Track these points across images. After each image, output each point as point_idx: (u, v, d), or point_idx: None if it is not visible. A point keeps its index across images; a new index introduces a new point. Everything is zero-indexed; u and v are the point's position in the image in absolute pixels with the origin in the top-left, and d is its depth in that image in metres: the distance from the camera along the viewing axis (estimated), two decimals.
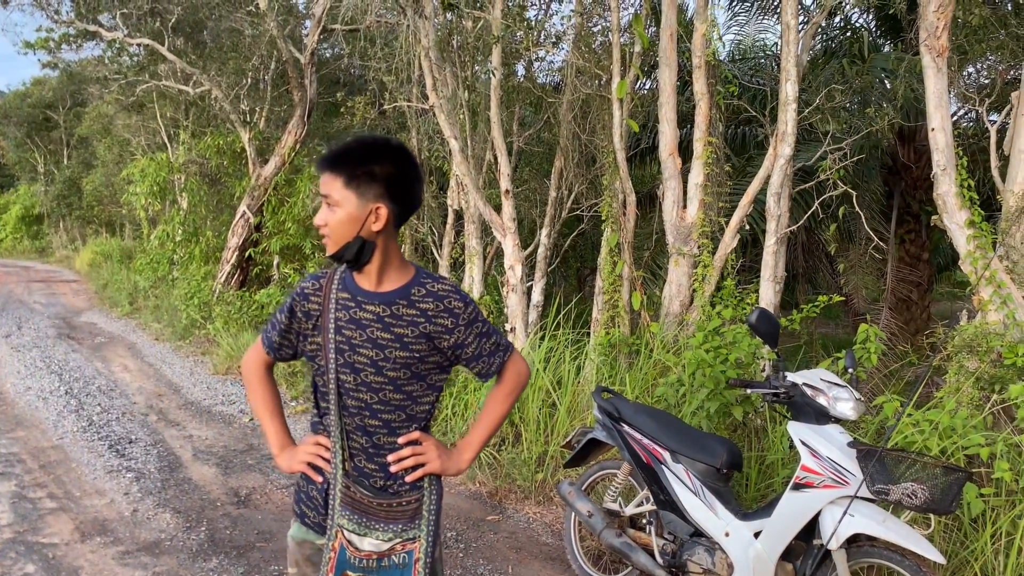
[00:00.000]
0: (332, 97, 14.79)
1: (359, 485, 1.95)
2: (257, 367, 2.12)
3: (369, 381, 1.92)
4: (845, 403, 2.98)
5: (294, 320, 2.01)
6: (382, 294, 1.93)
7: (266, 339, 2.08)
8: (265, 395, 2.11)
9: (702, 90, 6.41)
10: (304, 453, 1.99)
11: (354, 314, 1.92)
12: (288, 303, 2.02)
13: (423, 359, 1.94)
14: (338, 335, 1.92)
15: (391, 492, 1.97)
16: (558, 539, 4.36)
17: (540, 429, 5.29)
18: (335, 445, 1.95)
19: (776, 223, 6.09)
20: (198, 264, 13.25)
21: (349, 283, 1.96)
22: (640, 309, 6.43)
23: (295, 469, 2.01)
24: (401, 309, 1.92)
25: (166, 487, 5.02)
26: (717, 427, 4.35)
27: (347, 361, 1.92)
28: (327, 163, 1.88)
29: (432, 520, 1.99)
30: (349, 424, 1.96)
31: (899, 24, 11.21)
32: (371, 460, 1.97)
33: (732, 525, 3.13)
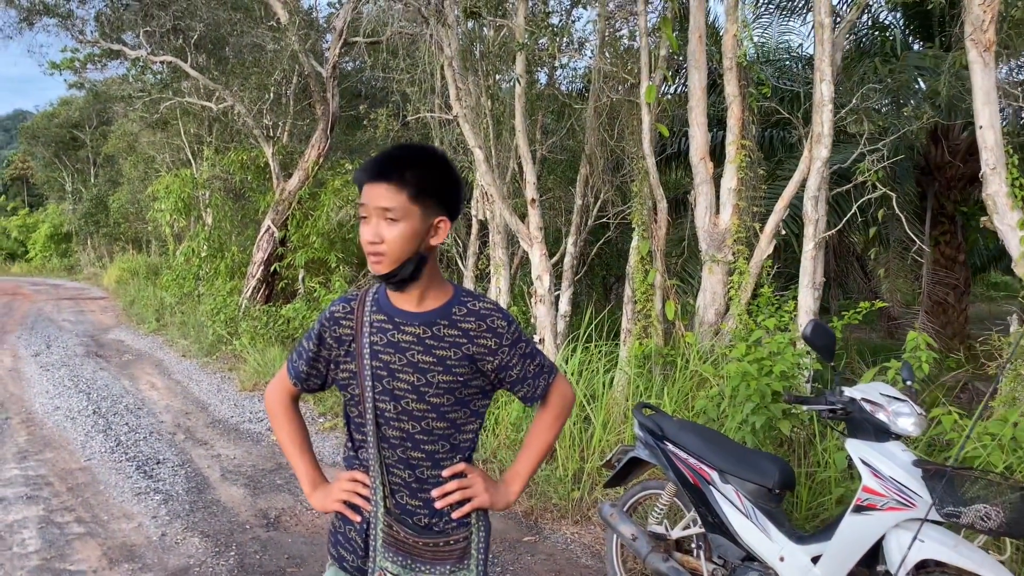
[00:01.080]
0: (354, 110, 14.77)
1: (402, 524, 1.80)
2: (282, 399, 1.97)
3: (411, 409, 1.77)
4: (907, 418, 2.79)
5: (323, 347, 1.85)
6: (422, 314, 1.79)
7: (292, 369, 1.91)
8: (292, 429, 1.96)
9: (734, 92, 6.24)
10: (340, 491, 1.84)
11: (392, 337, 1.78)
12: (316, 329, 1.87)
13: (466, 383, 1.80)
14: (375, 360, 1.77)
15: (437, 531, 1.82)
16: (598, 561, 4.19)
17: (575, 445, 5.13)
18: (374, 481, 1.80)
19: (814, 227, 5.90)
20: (224, 279, 13.25)
21: (384, 304, 1.81)
22: (674, 319, 6.26)
23: (330, 508, 1.86)
24: (443, 330, 1.78)
25: (194, 509, 4.92)
26: (762, 443, 4.17)
27: (386, 388, 1.77)
28: (385, 173, 1.70)
29: (481, 560, 1.85)
30: (389, 457, 1.81)
31: (929, 22, 10.97)
32: (414, 496, 1.81)
33: (787, 549, 2.96)
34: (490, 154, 8.30)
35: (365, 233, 1.71)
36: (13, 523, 4.64)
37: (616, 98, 7.30)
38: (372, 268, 1.73)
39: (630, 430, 5.00)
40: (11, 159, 44.95)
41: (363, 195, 1.72)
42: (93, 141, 26.68)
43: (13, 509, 4.86)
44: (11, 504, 4.95)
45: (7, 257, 36.97)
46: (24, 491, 5.20)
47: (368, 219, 1.72)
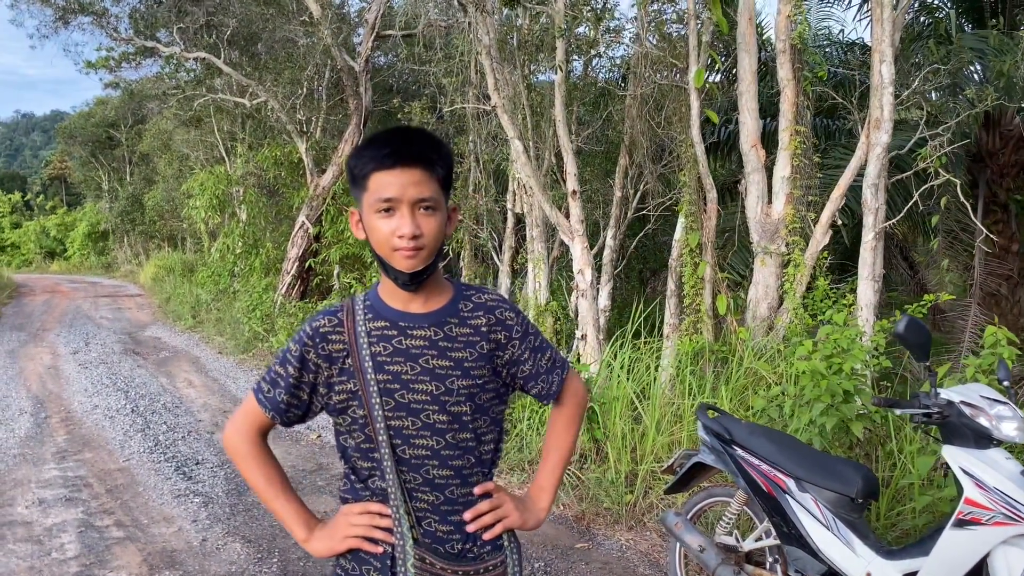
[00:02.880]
0: (387, 104, 14.66)
1: (434, 554, 1.58)
2: (250, 437, 1.65)
3: (432, 422, 1.57)
4: (1010, 423, 2.54)
5: (306, 370, 1.59)
6: (430, 314, 1.59)
7: (267, 400, 1.62)
8: (268, 470, 1.66)
9: (787, 76, 5.96)
10: (350, 527, 1.59)
11: (399, 344, 1.57)
12: (294, 351, 1.59)
13: (484, 387, 1.61)
14: (380, 373, 1.55)
15: (472, 557, 1.61)
16: (656, 570, 3.98)
17: (625, 446, 4.92)
18: (397, 510, 1.56)
19: (874, 217, 5.62)
20: (259, 276, 13.22)
21: (383, 309, 1.59)
22: (726, 313, 6.01)
23: (340, 549, 1.60)
24: (454, 329, 1.59)
25: (235, 513, 4.78)
26: (831, 446, 3.92)
27: (399, 403, 1.56)
28: (416, 157, 1.49)
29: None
30: (411, 481, 1.58)
31: (980, 3, 10.56)
32: (444, 520, 1.60)
33: (875, 565, 2.72)
34: (528, 145, 8.09)
35: (401, 226, 1.48)
36: (52, 527, 4.54)
37: (663, 84, 7.05)
38: (404, 265, 1.50)
39: (687, 431, 4.78)
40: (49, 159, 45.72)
41: (385, 184, 1.48)
42: (128, 140, 26.92)
43: (52, 512, 4.77)
44: (50, 507, 4.86)
45: (46, 255, 37.54)
46: (63, 492, 5.11)
47: (395, 211, 1.49)
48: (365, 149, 1.53)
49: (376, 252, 1.55)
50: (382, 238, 1.51)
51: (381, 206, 1.49)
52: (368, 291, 1.66)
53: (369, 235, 1.55)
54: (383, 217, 1.50)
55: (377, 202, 1.49)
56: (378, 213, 1.50)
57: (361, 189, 1.53)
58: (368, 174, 1.50)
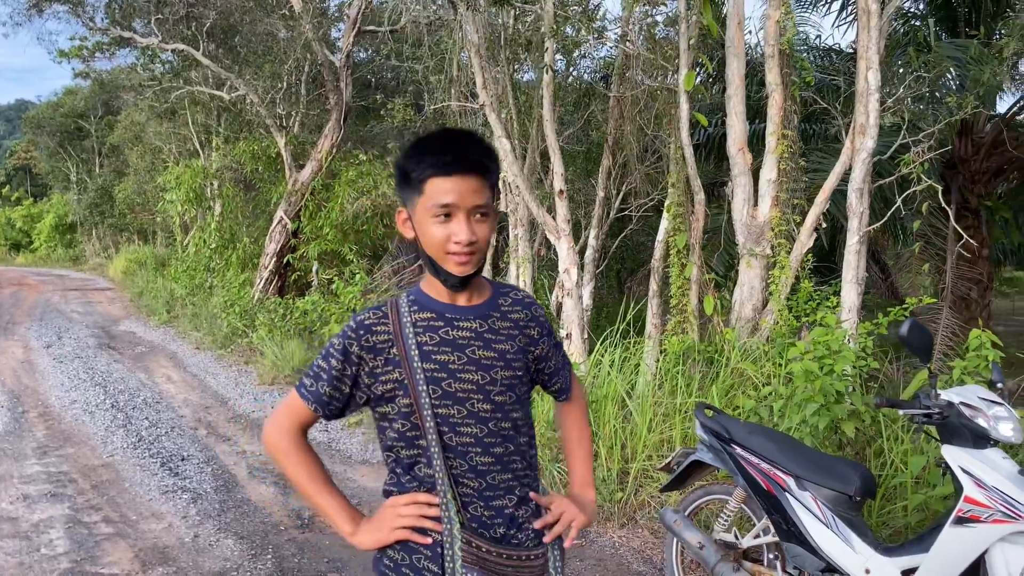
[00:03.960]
0: (366, 100, 14.59)
1: (480, 538, 1.61)
2: (293, 432, 1.66)
3: (477, 411, 1.61)
4: (1006, 423, 2.62)
5: (348, 363, 1.61)
6: (476, 307, 1.65)
7: (310, 394, 1.63)
8: (312, 466, 1.67)
9: (776, 80, 6.05)
10: (398, 517, 1.60)
11: (445, 335, 1.61)
12: (337, 345, 1.62)
13: (522, 379, 1.68)
14: (426, 362, 1.58)
15: (514, 543, 1.65)
16: (650, 567, 4.03)
17: (616, 444, 4.96)
18: (444, 496, 1.59)
19: (859, 221, 5.72)
20: (235, 271, 13.09)
21: (428, 302, 1.64)
22: (713, 314, 6.08)
23: (389, 540, 1.62)
24: (496, 322, 1.65)
25: (225, 509, 4.75)
26: (822, 445, 4.00)
27: (446, 391, 1.59)
28: (474, 166, 1.54)
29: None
30: (457, 467, 1.61)
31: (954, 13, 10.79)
32: (487, 505, 1.63)
33: (873, 561, 2.79)
34: (514, 145, 8.12)
35: (459, 232, 1.53)
36: (39, 522, 4.48)
37: (651, 86, 7.11)
38: (457, 269, 1.56)
39: (678, 429, 4.84)
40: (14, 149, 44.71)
41: (444, 191, 1.52)
42: (99, 131, 26.49)
43: (38, 508, 4.71)
44: (35, 502, 4.79)
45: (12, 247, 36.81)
46: (47, 488, 5.04)
47: (452, 217, 1.53)
48: (422, 153, 1.55)
49: (427, 253, 1.58)
50: (437, 242, 1.54)
51: (439, 211, 1.53)
52: (410, 290, 1.69)
53: (421, 237, 1.58)
54: (439, 222, 1.54)
55: (435, 207, 1.53)
56: (435, 218, 1.54)
57: (416, 192, 1.56)
58: (426, 179, 1.53)
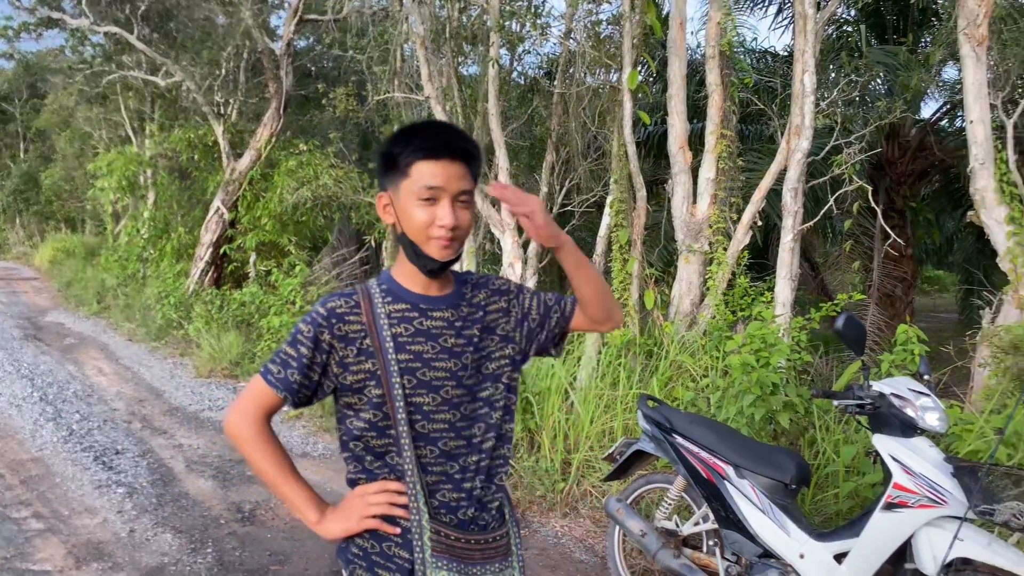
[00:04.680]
0: (307, 89, 14.35)
1: (446, 524, 1.65)
2: (259, 420, 1.64)
3: (450, 397, 1.65)
4: (933, 413, 2.76)
5: (319, 351, 1.60)
6: (447, 297, 1.69)
7: (279, 381, 1.61)
8: (277, 454, 1.66)
9: (716, 81, 6.19)
10: (367, 506, 1.62)
11: (420, 325, 1.64)
12: (306, 332, 1.60)
13: (490, 356, 1.71)
14: (401, 353, 1.61)
15: (481, 525, 1.69)
16: (593, 555, 4.11)
17: (559, 435, 5.03)
18: (414, 486, 1.62)
19: (793, 219, 5.90)
20: (170, 261, 12.75)
21: (402, 292, 1.66)
22: (653, 308, 6.20)
23: (359, 529, 1.64)
24: (465, 309, 1.70)
25: (162, 503, 4.66)
26: (757, 436, 4.13)
27: (421, 380, 1.62)
28: (461, 152, 1.58)
29: (521, 556, 1.75)
30: (427, 454, 1.65)
31: (883, 20, 11.19)
32: (457, 488, 1.67)
33: (808, 546, 2.91)
34: None
35: (443, 216, 1.57)
36: None
37: (595, 85, 7.20)
38: (439, 254, 1.59)
39: (619, 420, 4.93)
40: None
41: (430, 174, 1.56)
42: (24, 115, 25.40)
43: None
44: None
45: None
46: None
47: (437, 201, 1.57)
48: (409, 138, 1.58)
49: (408, 237, 1.60)
50: (419, 225, 1.57)
51: (424, 194, 1.56)
52: (379, 276, 1.71)
53: (403, 221, 1.61)
54: (424, 205, 1.57)
55: (421, 190, 1.56)
56: (419, 201, 1.57)
57: (401, 175, 1.58)
58: (413, 162, 1.56)
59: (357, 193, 10.44)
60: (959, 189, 10.84)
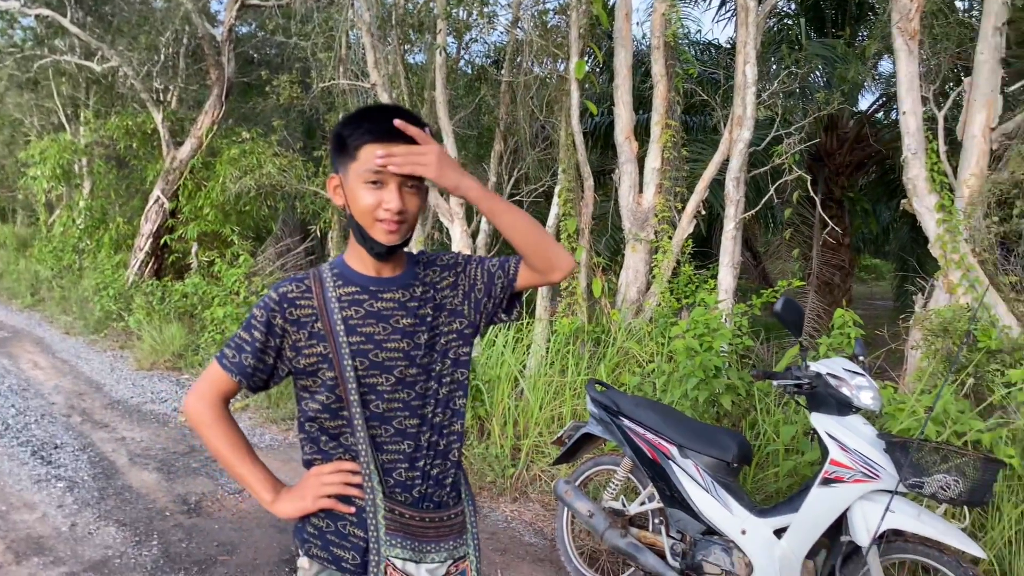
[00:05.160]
0: (250, 76, 14.08)
1: (401, 503, 1.67)
2: (215, 405, 1.68)
3: (404, 377, 1.66)
4: (867, 392, 2.88)
5: (272, 335, 1.63)
6: (398, 278, 1.70)
7: (233, 365, 1.64)
8: (233, 436, 1.69)
9: (661, 72, 6.28)
10: (322, 486, 1.65)
11: (370, 307, 1.66)
12: (259, 316, 1.63)
13: (442, 332, 1.73)
14: (353, 335, 1.63)
15: (436, 503, 1.72)
16: (542, 538, 4.17)
17: (509, 422, 5.08)
18: (368, 466, 1.64)
19: (735, 208, 6.04)
20: (108, 252, 12.41)
21: (352, 275, 1.68)
22: (600, 296, 6.29)
23: (314, 508, 1.66)
24: (417, 289, 1.71)
25: (105, 497, 4.57)
26: (702, 417, 4.24)
27: (373, 361, 1.64)
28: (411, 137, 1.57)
29: (475, 534, 1.79)
30: (382, 434, 1.66)
31: (822, 14, 11.47)
32: (412, 466, 1.69)
33: (749, 522, 3.00)
34: None
35: (389, 200, 1.57)
36: None
37: (541, 74, 7.23)
38: (384, 238, 1.60)
39: (568, 406, 4.99)
40: None
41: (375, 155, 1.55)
42: None
43: None
44: None
45: None
46: None
47: (383, 185, 1.58)
48: (360, 120, 1.59)
49: (356, 220, 1.61)
50: (366, 208, 1.58)
51: (371, 177, 1.56)
52: (333, 260, 1.72)
53: (351, 203, 1.61)
54: (371, 188, 1.57)
55: (368, 173, 1.56)
56: (366, 184, 1.57)
57: (350, 158, 1.58)
58: (362, 144, 1.56)
59: (302, 182, 10.30)
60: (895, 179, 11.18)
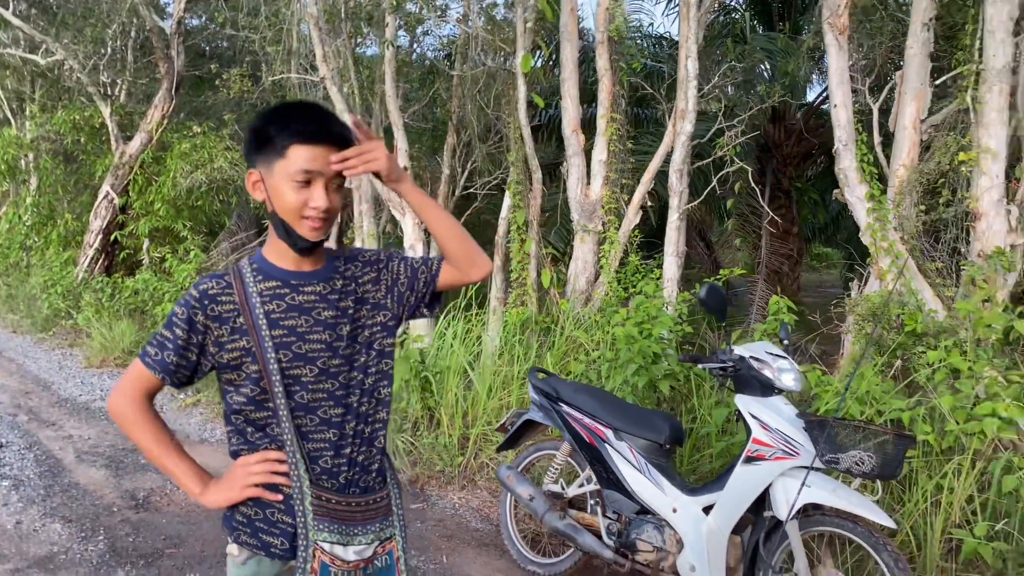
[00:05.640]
0: (201, 70, 13.91)
1: (328, 489, 1.74)
2: (139, 402, 1.72)
3: (328, 367, 1.73)
4: (788, 374, 3.02)
5: (194, 332, 1.68)
6: (319, 271, 1.76)
7: (156, 363, 1.69)
8: (158, 431, 1.73)
9: (605, 66, 6.39)
10: (249, 475, 1.71)
11: (292, 300, 1.72)
12: (180, 314, 1.68)
13: (365, 325, 1.80)
14: (275, 329, 1.69)
15: (362, 488, 1.79)
16: (488, 524, 4.26)
17: (458, 412, 5.16)
18: (293, 455, 1.70)
19: (679, 199, 6.18)
20: (56, 249, 12.21)
21: (272, 270, 1.73)
22: (550, 286, 6.39)
23: (242, 497, 1.72)
24: (337, 282, 1.77)
25: (51, 494, 4.55)
26: (642, 403, 4.36)
27: (297, 353, 1.70)
28: (336, 138, 1.64)
29: (401, 516, 1.87)
30: (307, 424, 1.73)
31: (769, 8, 11.69)
32: (338, 454, 1.76)
33: (680, 501, 3.13)
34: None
35: (317, 199, 1.63)
36: None
37: (490, 68, 7.29)
38: (310, 235, 1.67)
39: (515, 395, 5.09)
40: None
41: (307, 158, 1.62)
42: None
43: None
44: None
45: None
46: None
47: (311, 184, 1.64)
48: (287, 120, 1.63)
49: (280, 217, 1.66)
50: (292, 206, 1.64)
51: (300, 177, 1.62)
52: (252, 256, 1.77)
53: (275, 200, 1.66)
54: (298, 187, 1.63)
55: (297, 172, 1.62)
56: (295, 183, 1.62)
57: (277, 156, 1.63)
58: (291, 144, 1.62)
59: None
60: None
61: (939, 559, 3.23)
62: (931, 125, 5.29)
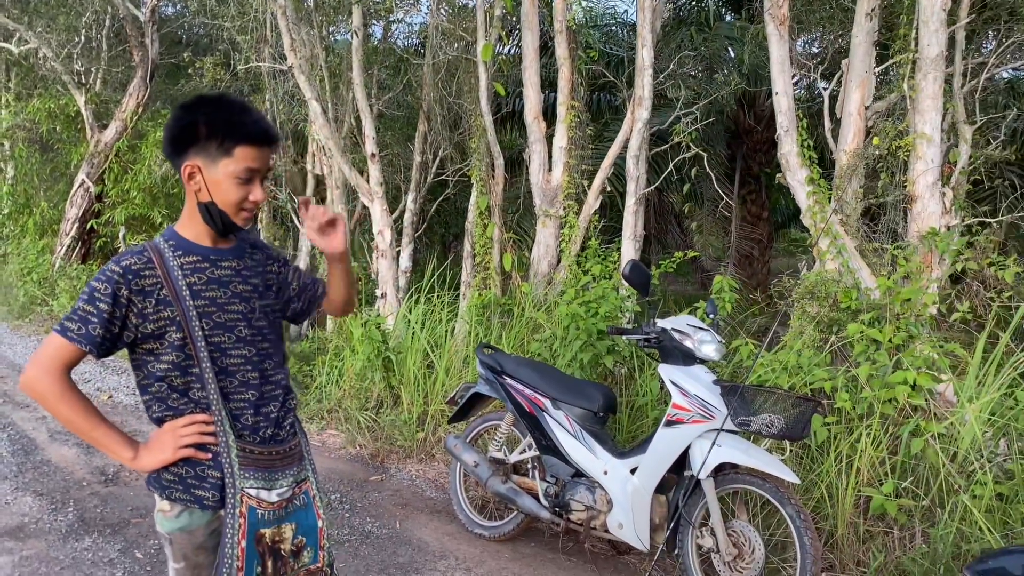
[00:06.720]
0: (176, 58, 13.98)
1: (250, 442, 1.92)
2: (62, 375, 1.76)
3: (244, 336, 1.92)
4: (708, 345, 3.24)
5: (118, 306, 1.76)
6: (234, 248, 1.95)
7: (81, 336, 1.75)
8: (82, 404, 1.80)
9: (564, 55, 6.57)
10: (178, 437, 1.84)
11: (212, 274, 1.89)
12: (103, 289, 1.76)
13: (272, 306, 2.02)
14: (197, 299, 1.84)
15: (279, 440, 1.99)
16: (442, 493, 4.48)
17: (419, 390, 5.37)
18: (219, 414, 1.87)
19: (635, 184, 6.38)
20: (33, 238, 12.29)
21: (192, 246, 1.88)
22: (512, 270, 6.59)
23: (174, 459, 1.84)
24: (248, 260, 1.97)
25: (23, 471, 4.73)
26: (589, 376, 4.58)
27: (217, 322, 1.87)
28: (273, 138, 1.84)
29: (311, 460, 2.10)
30: (229, 385, 1.91)
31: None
32: (257, 412, 1.94)
33: (610, 464, 3.35)
34: (327, 107, 8.23)
35: (256, 194, 1.83)
36: None
37: (453, 56, 7.45)
38: (243, 224, 1.88)
39: (472, 374, 5.30)
40: None
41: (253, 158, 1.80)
42: None
43: None
44: None
45: None
46: None
47: (252, 180, 1.83)
48: (236, 117, 1.81)
49: (218, 207, 1.83)
50: (234, 200, 1.82)
51: (244, 175, 1.81)
52: (164, 233, 1.92)
53: (214, 192, 1.82)
54: (240, 184, 1.81)
55: (243, 171, 1.80)
56: (237, 179, 1.81)
57: (223, 154, 1.79)
58: (236, 145, 1.79)
59: None
60: None
61: (851, 515, 3.47)
62: (875, 112, 5.51)
